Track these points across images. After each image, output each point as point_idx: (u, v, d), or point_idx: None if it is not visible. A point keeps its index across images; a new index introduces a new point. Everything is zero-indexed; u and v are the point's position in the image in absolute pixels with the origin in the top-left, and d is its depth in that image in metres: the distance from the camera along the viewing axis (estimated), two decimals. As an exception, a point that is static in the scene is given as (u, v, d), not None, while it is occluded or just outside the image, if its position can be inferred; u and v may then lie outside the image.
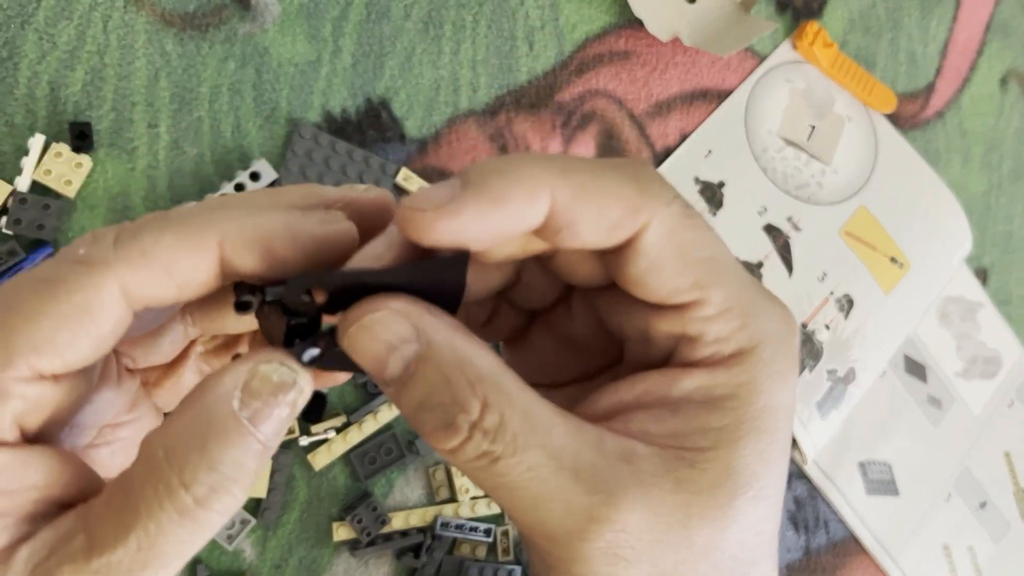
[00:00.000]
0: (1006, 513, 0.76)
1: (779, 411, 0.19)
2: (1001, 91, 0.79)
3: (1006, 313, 0.79)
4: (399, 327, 0.18)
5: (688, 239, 0.18)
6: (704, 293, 0.18)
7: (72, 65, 0.49)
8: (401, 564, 0.54)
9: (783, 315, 0.20)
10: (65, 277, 0.18)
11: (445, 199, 0.17)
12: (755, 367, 0.19)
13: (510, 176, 0.17)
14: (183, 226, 0.18)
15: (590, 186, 0.18)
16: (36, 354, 0.17)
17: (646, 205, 0.18)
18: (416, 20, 0.57)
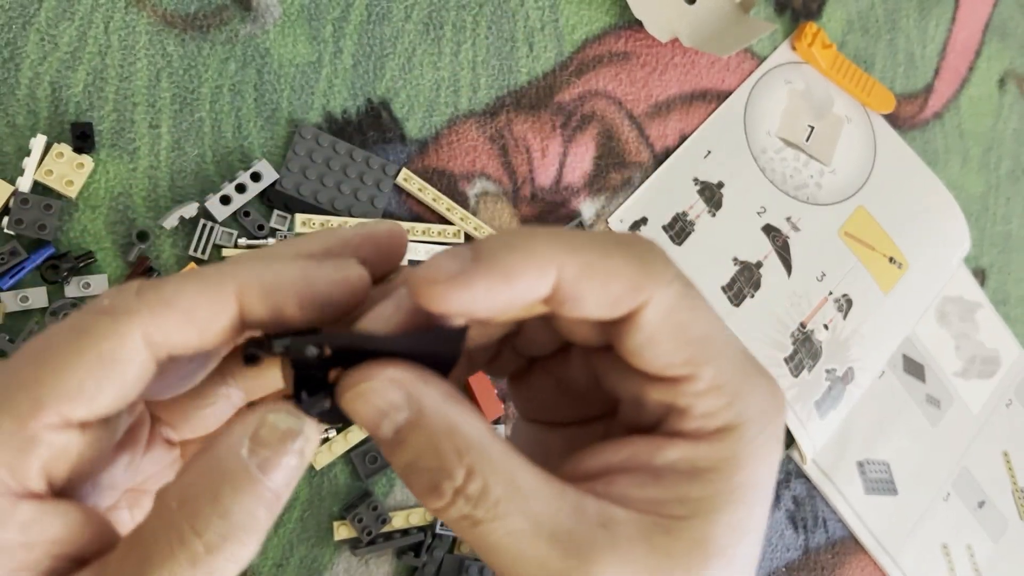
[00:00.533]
0: (1005, 512, 0.76)
1: (758, 486, 0.20)
2: (999, 92, 0.80)
3: (1004, 313, 0.79)
4: (392, 395, 0.19)
5: (685, 318, 0.19)
6: (696, 369, 0.19)
7: (74, 66, 0.49)
8: (402, 563, 0.54)
9: (772, 392, 0.20)
10: (90, 327, 0.18)
11: (456, 271, 0.18)
12: (738, 444, 0.20)
13: (520, 252, 0.18)
14: (202, 276, 0.19)
15: (596, 264, 0.19)
16: (65, 402, 0.18)
17: (647, 284, 0.19)
18: (416, 21, 0.57)
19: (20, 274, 0.46)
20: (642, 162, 0.63)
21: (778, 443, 0.21)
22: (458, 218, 0.55)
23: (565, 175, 0.60)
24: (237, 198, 0.50)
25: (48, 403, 0.18)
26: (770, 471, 0.20)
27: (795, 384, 0.65)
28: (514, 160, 0.59)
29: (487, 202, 0.58)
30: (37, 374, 0.18)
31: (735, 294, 0.64)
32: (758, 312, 0.64)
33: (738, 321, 0.63)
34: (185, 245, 0.50)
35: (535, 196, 0.59)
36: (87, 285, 0.48)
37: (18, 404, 0.18)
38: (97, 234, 0.49)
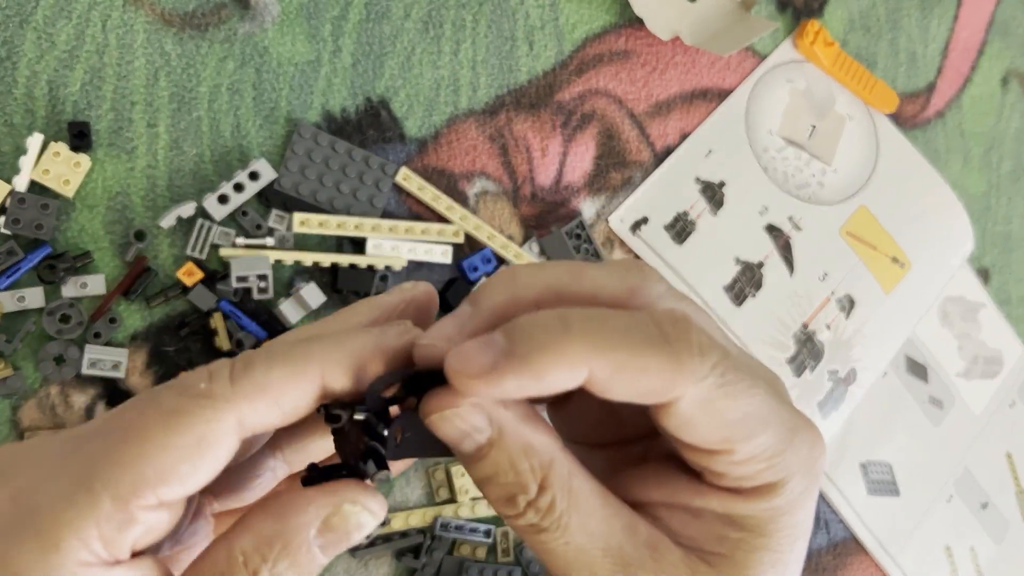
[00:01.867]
0: (1007, 514, 0.76)
1: (795, 530, 0.21)
2: (1002, 91, 0.79)
3: (1007, 313, 0.78)
4: (475, 419, 0.20)
5: (720, 407, 0.20)
6: (732, 446, 0.20)
7: (71, 64, 0.48)
8: (401, 565, 0.54)
9: (812, 446, 0.21)
10: (189, 411, 0.19)
11: (488, 366, 0.19)
12: (777, 499, 0.21)
13: (552, 353, 0.19)
14: (289, 360, 0.20)
15: (628, 364, 0.19)
16: (162, 484, 0.19)
17: (680, 381, 0.19)
18: (416, 20, 0.56)
19: (17, 274, 0.46)
20: (643, 161, 0.63)
21: (816, 489, 0.22)
22: (458, 217, 0.55)
23: (565, 174, 0.60)
24: (235, 197, 0.50)
25: (147, 486, 0.19)
26: (808, 515, 0.22)
27: (797, 384, 0.64)
28: (514, 159, 0.59)
29: (487, 201, 0.58)
30: (137, 454, 0.19)
31: (736, 294, 0.63)
32: (760, 312, 0.64)
33: (740, 321, 0.63)
34: (183, 245, 0.50)
35: (535, 195, 0.59)
36: (84, 285, 0.47)
37: (118, 484, 0.19)
38: (94, 234, 0.49)
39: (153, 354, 0.49)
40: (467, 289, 0.56)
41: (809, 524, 0.22)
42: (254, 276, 0.49)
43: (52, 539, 0.18)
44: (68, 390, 0.48)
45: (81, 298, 0.48)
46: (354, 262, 0.52)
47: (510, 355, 0.19)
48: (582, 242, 0.59)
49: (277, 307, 0.51)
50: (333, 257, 0.52)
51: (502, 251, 0.56)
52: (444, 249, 0.54)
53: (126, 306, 0.49)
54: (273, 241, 0.51)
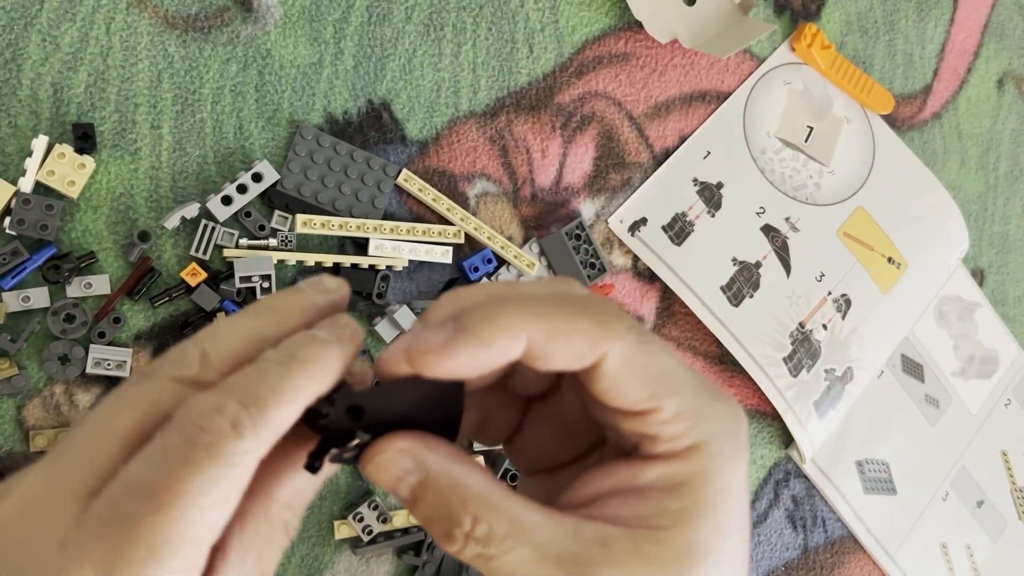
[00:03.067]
0: (1003, 512, 0.76)
1: (730, 491, 0.23)
2: (998, 93, 0.80)
3: (1003, 313, 0.79)
4: (403, 463, 0.22)
5: (642, 362, 0.23)
6: (659, 402, 0.23)
7: (75, 67, 0.49)
8: (402, 562, 0.54)
9: (731, 411, 0.24)
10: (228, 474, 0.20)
11: (443, 341, 0.22)
12: (706, 458, 0.23)
13: (495, 322, 0.22)
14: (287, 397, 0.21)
15: (560, 327, 0.22)
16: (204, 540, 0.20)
17: (605, 338, 0.22)
18: (417, 23, 0.57)
19: (22, 274, 0.47)
20: (642, 163, 0.63)
21: (743, 452, 0.24)
22: (458, 218, 0.55)
23: (565, 176, 0.60)
24: (238, 198, 0.51)
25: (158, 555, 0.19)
26: (740, 477, 0.23)
27: (794, 384, 0.65)
28: (514, 161, 0.59)
29: (487, 202, 0.58)
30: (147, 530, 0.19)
31: (734, 294, 0.64)
32: (757, 312, 0.64)
33: (737, 321, 0.64)
34: (187, 245, 0.50)
35: (535, 196, 0.60)
36: (89, 285, 0.48)
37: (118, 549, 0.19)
38: (99, 234, 0.49)
39: (157, 353, 0.50)
40: (468, 289, 0.56)
41: (743, 492, 0.24)
42: (257, 276, 0.49)
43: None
44: (72, 389, 0.48)
45: (85, 298, 0.48)
46: (356, 262, 0.53)
47: (460, 330, 0.22)
48: (581, 243, 0.59)
49: (279, 307, 0.51)
50: (335, 257, 0.52)
51: (502, 252, 0.57)
52: (445, 250, 0.55)
53: (130, 306, 0.49)
54: (276, 242, 0.51)
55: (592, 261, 0.59)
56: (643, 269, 0.63)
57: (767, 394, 0.63)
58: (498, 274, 0.57)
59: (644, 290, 0.63)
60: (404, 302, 0.55)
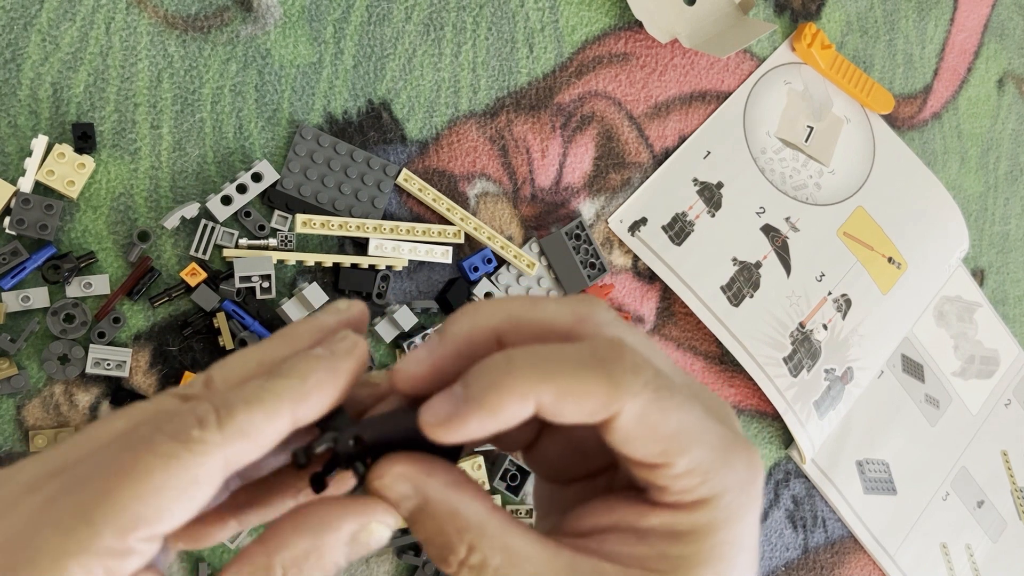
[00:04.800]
0: (1003, 512, 0.76)
1: (735, 544, 0.23)
2: (998, 93, 0.80)
3: (1003, 313, 0.79)
4: (401, 487, 0.23)
5: (655, 420, 0.22)
6: (669, 459, 0.22)
7: (75, 67, 0.49)
8: (402, 562, 0.54)
9: (747, 463, 0.23)
10: (183, 457, 0.21)
11: (451, 413, 0.22)
12: (713, 511, 0.22)
13: (501, 389, 0.22)
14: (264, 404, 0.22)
15: (570, 389, 0.22)
16: (159, 521, 0.21)
17: (617, 398, 0.22)
18: (417, 23, 0.57)
19: (22, 274, 0.47)
20: (642, 162, 0.63)
21: (755, 505, 0.23)
22: (458, 218, 0.55)
23: (565, 175, 0.60)
24: (238, 198, 0.50)
25: (145, 524, 0.20)
26: (750, 530, 0.23)
27: (794, 384, 0.65)
28: (514, 160, 0.59)
29: (487, 202, 0.58)
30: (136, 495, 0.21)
31: (734, 294, 0.64)
32: (757, 312, 0.64)
33: (737, 321, 0.64)
34: (186, 245, 0.50)
35: (535, 196, 0.60)
36: (88, 285, 0.48)
37: (118, 521, 0.20)
38: (98, 234, 0.49)
39: (157, 353, 0.50)
40: (467, 289, 0.56)
41: (752, 543, 0.23)
42: (257, 276, 0.49)
43: (56, 570, 0.20)
44: (72, 389, 0.48)
45: (85, 298, 0.48)
46: (356, 262, 0.53)
47: (467, 400, 0.22)
48: (581, 243, 0.59)
49: (280, 307, 0.51)
50: (335, 257, 0.52)
51: (502, 252, 0.56)
52: (445, 250, 0.55)
53: (130, 306, 0.49)
54: (276, 242, 0.51)
55: (592, 261, 0.59)
56: (643, 269, 0.63)
57: (767, 394, 0.63)
58: (498, 274, 0.57)
59: (644, 290, 0.63)
60: (404, 302, 0.55)
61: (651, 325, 0.64)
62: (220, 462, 0.21)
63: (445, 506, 0.23)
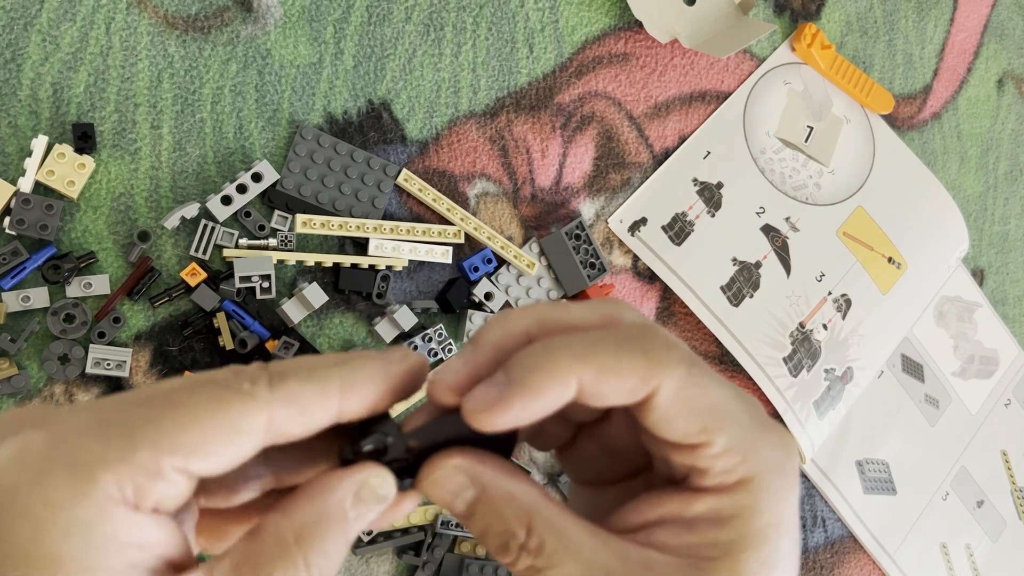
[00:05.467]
0: (1003, 512, 0.76)
1: (779, 525, 0.23)
2: (997, 93, 0.80)
3: (1003, 313, 0.79)
4: (458, 479, 0.23)
5: (692, 395, 0.23)
6: (709, 436, 0.23)
7: (75, 67, 0.49)
8: (402, 562, 0.54)
9: (782, 443, 0.24)
10: (232, 402, 0.22)
11: (496, 397, 0.22)
12: (755, 492, 0.23)
13: (544, 370, 0.22)
14: (316, 378, 0.23)
15: (608, 367, 0.22)
16: (194, 455, 0.21)
17: (655, 372, 0.22)
18: (417, 23, 0.57)
19: (22, 274, 0.47)
20: (641, 163, 0.63)
21: (794, 485, 0.24)
22: (458, 218, 0.55)
23: (565, 175, 0.61)
24: (238, 198, 0.51)
25: (181, 452, 0.21)
26: (790, 510, 0.23)
27: (794, 384, 0.65)
28: (514, 161, 0.59)
29: (487, 202, 0.58)
30: (180, 424, 0.21)
31: (734, 294, 0.64)
32: (757, 312, 0.64)
33: (737, 321, 0.64)
34: (186, 245, 0.50)
35: (535, 196, 0.60)
36: (88, 285, 0.48)
37: (157, 442, 0.21)
38: (99, 234, 0.49)
39: (157, 353, 0.50)
40: (467, 289, 0.56)
41: (794, 522, 0.23)
42: (257, 276, 0.49)
43: (88, 472, 0.20)
44: (73, 389, 0.48)
45: (85, 298, 0.48)
46: (356, 262, 0.53)
47: (511, 383, 0.22)
48: (581, 243, 0.59)
49: (280, 307, 0.51)
50: (335, 257, 0.52)
51: (502, 252, 0.57)
52: (445, 250, 0.55)
53: (130, 306, 0.49)
54: (276, 242, 0.52)
55: (592, 261, 0.59)
56: (643, 269, 0.63)
57: (767, 394, 0.63)
58: (498, 274, 0.57)
59: (644, 290, 0.63)
60: (404, 302, 0.55)
61: (651, 325, 0.64)
62: (263, 419, 0.22)
63: (502, 491, 0.23)
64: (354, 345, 0.54)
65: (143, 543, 0.21)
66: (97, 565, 0.20)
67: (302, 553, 0.21)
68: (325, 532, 0.22)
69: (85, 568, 0.20)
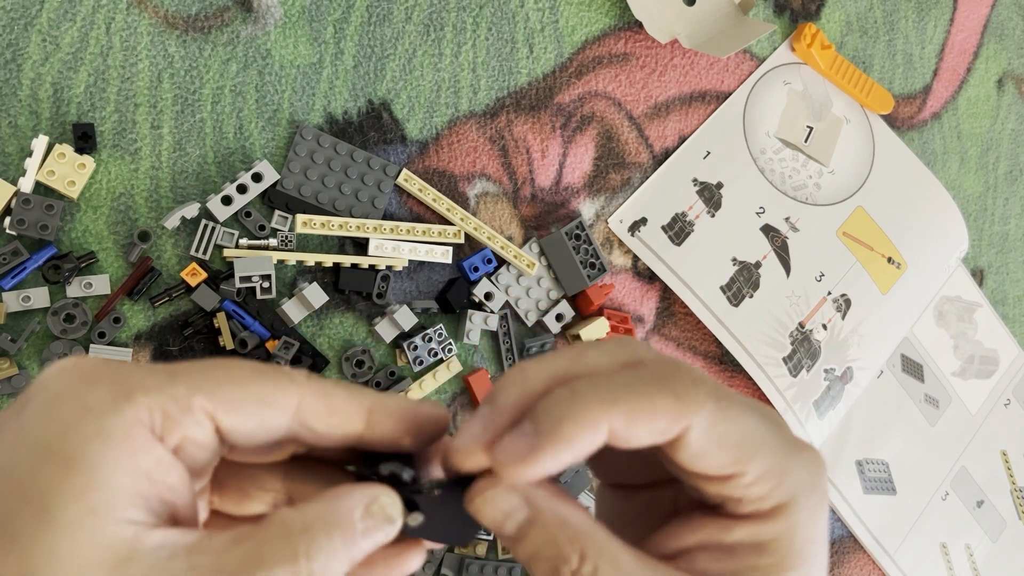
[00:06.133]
0: (1003, 512, 0.76)
1: (816, 542, 0.23)
2: (997, 93, 0.80)
3: (1003, 313, 0.79)
4: (513, 499, 0.23)
5: (723, 430, 0.23)
6: (742, 467, 0.23)
7: (75, 67, 0.49)
8: (402, 562, 0.54)
9: (812, 461, 0.24)
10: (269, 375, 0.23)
11: (527, 450, 0.22)
12: (792, 515, 0.23)
13: (572, 418, 0.22)
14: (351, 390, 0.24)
15: (639, 409, 0.22)
16: (225, 405, 0.22)
17: (685, 412, 0.22)
18: (417, 23, 0.57)
19: (22, 274, 0.47)
20: (641, 163, 0.63)
21: (825, 502, 0.24)
22: (458, 218, 0.55)
23: (565, 176, 0.61)
24: (238, 198, 0.51)
25: (214, 398, 0.22)
26: (823, 527, 0.24)
27: (794, 384, 0.65)
28: (514, 161, 0.59)
29: (487, 202, 0.58)
30: (220, 379, 0.23)
31: (734, 294, 0.64)
32: (757, 312, 0.64)
33: (737, 321, 0.64)
34: (187, 245, 0.50)
35: (535, 196, 0.60)
36: (89, 285, 0.48)
37: (196, 385, 0.22)
38: (99, 234, 0.49)
39: (157, 353, 0.50)
40: (467, 289, 0.56)
41: (825, 538, 0.24)
42: (257, 276, 0.49)
43: (127, 391, 0.21)
44: (73, 389, 0.48)
45: (85, 298, 0.48)
46: (356, 262, 0.53)
47: (540, 434, 0.22)
48: (581, 243, 0.59)
49: (280, 307, 0.51)
50: (335, 257, 0.52)
51: (502, 252, 0.57)
52: (445, 250, 0.55)
53: (130, 306, 0.49)
54: (276, 242, 0.52)
55: (592, 261, 0.59)
56: (643, 269, 0.63)
57: (767, 394, 0.64)
58: (498, 274, 0.57)
59: (644, 290, 0.63)
60: (404, 302, 0.55)
61: (651, 325, 0.64)
62: (295, 400, 0.23)
63: (556, 515, 0.23)
64: (354, 345, 0.54)
65: (154, 476, 0.21)
66: (106, 479, 0.20)
67: (305, 543, 0.21)
68: (331, 531, 0.22)
69: (94, 480, 0.20)
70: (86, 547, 0.20)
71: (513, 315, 0.59)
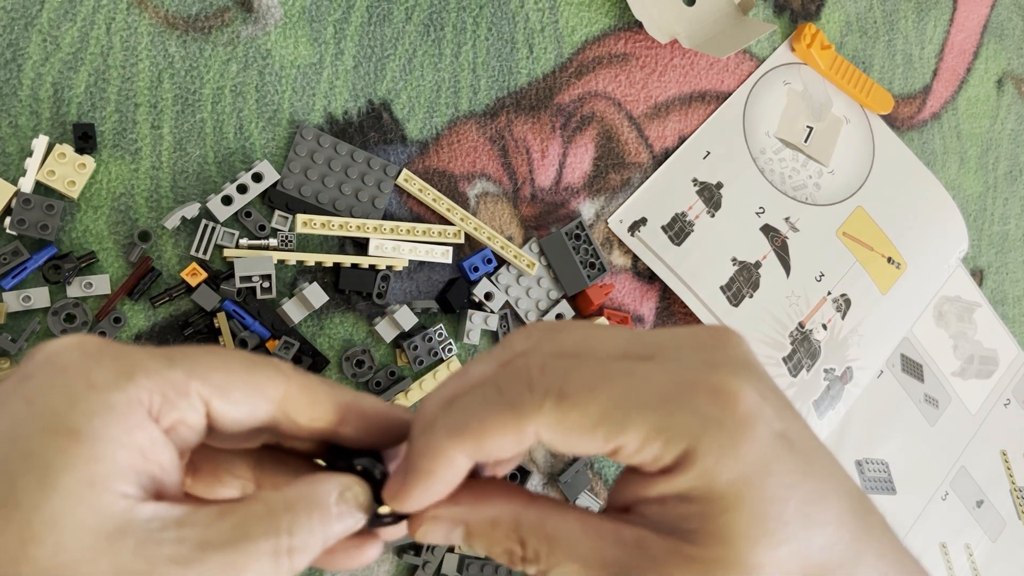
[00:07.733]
0: (1003, 512, 0.76)
1: (744, 476, 0.22)
2: (997, 93, 0.80)
3: (1002, 313, 0.79)
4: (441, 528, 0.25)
5: (574, 421, 0.23)
6: (616, 441, 0.23)
7: (76, 67, 0.49)
8: (403, 562, 0.54)
9: (711, 403, 0.22)
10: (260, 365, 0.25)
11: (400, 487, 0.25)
12: (696, 463, 0.22)
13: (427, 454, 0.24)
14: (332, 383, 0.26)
15: (481, 433, 0.23)
16: (218, 391, 0.24)
17: (524, 422, 0.23)
18: (417, 23, 0.57)
19: (22, 274, 0.47)
20: (641, 163, 0.63)
21: (742, 434, 0.22)
22: (458, 218, 0.55)
23: (565, 176, 0.61)
24: (239, 198, 0.51)
25: (208, 384, 0.24)
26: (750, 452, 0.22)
27: (793, 384, 0.65)
28: (514, 161, 0.59)
29: (487, 202, 0.58)
30: (212, 365, 0.24)
31: (734, 294, 0.64)
32: (757, 312, 0.64)
33: (737, 321, 0.64)
34: (187, 245, 0.50)
35: (535, 197, 0.60)
36: (89, 285, 0.48)
37: (193, 370, 0.23)
38: (99, 234, 0.49)
39: (157, 353, 0.50)
40: (467, 289, 0.56)
41: (764, 463, 0.22)
42: (257, 276, 0.49)
43: (130, 370, 0.23)
44: (73, 389, 0.48)
45: (86, 298, 0.48)
46: (356, 262, 0.53)
47: (408, 471, 0.24)
48: (581, 243, 0.59)
49: (280, 307, 0.51)
50: (335, 257, 0.52)
51: (502, 252, 0.57)
52: (445, 250, 0.55)
53: (130, 306, 0.49)
54: (276, 242, 0.52)
55: (592, 261, 0.59)
56: (643, 269, 0.63)
57: (767, 394, 0.63)
58: (498, 274, 0.57)
59: (644, 290, 0.63)
60: (404, 302, 0.55)
61: (651, 325, 0.64)
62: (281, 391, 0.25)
63: (484, 520, 0.25)
64: (354, 345, 0.54)
65: (148, 454, 0.22)
66: (106, 453, 0.21)
67: (287, 520, 0.23)
68: (311, 511, 0.23)
69: (95, 453, 0.21)
70: (85, 517, 0.21)
71: (513, 315, 0.59)
